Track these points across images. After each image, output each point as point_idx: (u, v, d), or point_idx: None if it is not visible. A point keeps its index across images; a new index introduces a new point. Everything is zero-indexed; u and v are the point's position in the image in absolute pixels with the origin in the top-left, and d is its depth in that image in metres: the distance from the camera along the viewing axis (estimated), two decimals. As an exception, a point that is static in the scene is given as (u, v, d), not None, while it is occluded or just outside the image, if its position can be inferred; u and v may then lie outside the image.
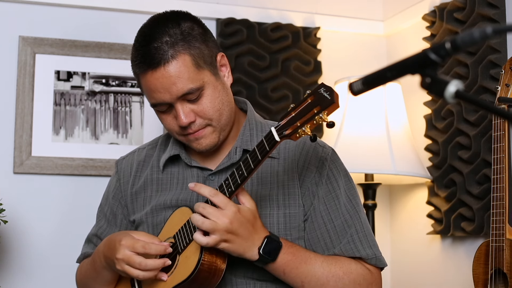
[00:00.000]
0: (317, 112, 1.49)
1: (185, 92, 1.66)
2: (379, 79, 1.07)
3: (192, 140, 1.73)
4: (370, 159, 2.65)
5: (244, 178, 1.58)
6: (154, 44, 1.65)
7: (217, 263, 1.64)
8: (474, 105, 0.97)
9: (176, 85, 1.65)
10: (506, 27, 0.92)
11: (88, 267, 1.87)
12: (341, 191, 1.74)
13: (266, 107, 2.91)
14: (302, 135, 1.52)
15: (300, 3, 3.09)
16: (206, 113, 1.69)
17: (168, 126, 1.74)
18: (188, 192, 1.78)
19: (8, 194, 2.62)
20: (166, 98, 1.67)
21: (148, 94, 1.71)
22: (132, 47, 1.73)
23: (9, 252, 2.67)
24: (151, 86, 1.67)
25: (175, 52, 1.65)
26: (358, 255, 1.71)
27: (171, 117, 1.72)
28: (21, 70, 2.73)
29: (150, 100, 1.72)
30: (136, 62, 1.70)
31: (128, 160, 1.93)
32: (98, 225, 1.95)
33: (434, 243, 2.82)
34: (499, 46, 2.48)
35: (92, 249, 1.94)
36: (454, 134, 2.66)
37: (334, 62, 3.12)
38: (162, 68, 1.65)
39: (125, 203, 1.89)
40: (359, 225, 1.73)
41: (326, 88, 1.49)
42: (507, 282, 2.13)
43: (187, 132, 1.71)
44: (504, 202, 2.17)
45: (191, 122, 1.69)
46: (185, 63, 1.65)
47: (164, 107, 1.70)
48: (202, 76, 1.68)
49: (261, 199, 1.72)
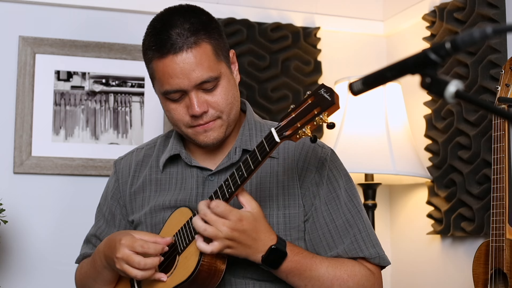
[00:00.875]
0: (318, 113, 1.48)
1: (204, 80, 1.66)
2: (379, 79, 1.07)
3: (200, 133, 1.72)
4: (370, 159, 2.65)
5: (244, 179, 1.58)
6: (175, 30, 1.65)
7: (217, 264, 1.63)
8: (474, 105, 0.97)
9: (196, 71, 1.65)
10: (506, 27, 0.92)
11: (88, 267, 1.87)
12: (342, 191, 1.74)
13: (266, 107, 2.91)
14: (302, 136, 1.52)
15: (300, 3, 3.09)
16: (219, 105, 1.69)
17: (177, 117, 1.72)
18: (187, 192, 1.78)
19: (8, 194, 2.62)
20: (183, 84, 1.66)
21: (163, 80, 1.68)
22: (147, 34, 1.72)
23: (9, 252, 2.67)
24: (170, 71, 1.66)
25: (197, 39, 1.65)
26: (362, 255, 1.71)
27: (182, 106, 1.70)
28: (21, 70, 2.73)
29: (165, 87, 1.68)
30: (154, 47, 1.68)
31: (127, 160, 1.93)
32: (97, 226, 1.95)
33: (434, 243, 2.82)
34: (499, 46, 2.48)
35: (91, 249, 1.94)
36: (454, 134, 2.66)
37: (334, 62, 3.12)
38: (184, 53, 1.64)
39: (124, 203, 1.89)
40: (362, 225, 1.73)
41: (326, 89, 1.49)
42: (507, 282, 2.13)
43: (197, 123, 1.70)
44: (504, 202, 2.17)
45: (203, 112, 1.68)
46: (206, 51, 1.66)
47: (177, 95, 1.69)
48: (220, 67, 1.69)
49: (261, 199, 1.72)
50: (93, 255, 1.85)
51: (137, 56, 2.86)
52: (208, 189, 1.76)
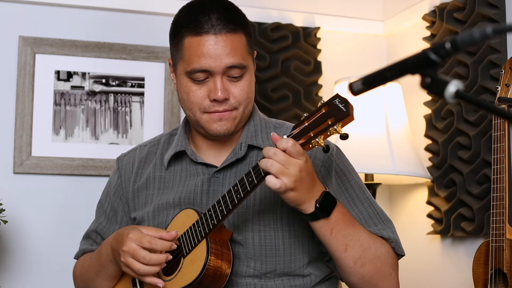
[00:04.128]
0: (332, 123, 1.47)
1: (235, 65, 1.68)
2: (379, 79, 1.07)
3: (214, 120, 1.72)
4: (370, 159, 2.65)
5: (254, 185, 1.57)
6: (216, 14, 1.67)
7: (222, 268, 1.62)
8: (474, 105, 0.97)
9: (229, 55, 1.67)
10: (506, 27, 0.92)
11: (92, 261, 1.86)
12: (352, 184, 1.76)
13: (266, 107, 2.91)
14: (315, 146, 1.50)
15: (300, 3, 3.09)
16: (240, 96, 1.71)
17: (195, 99, 1.71)
18: (190, 190, 1.77)
19: (8, 194, 2.62)
20: (214, 65, 1.67)
21: (194, 57, 1.69)
22: (183, 13, 1.73)
23: (9, 252, 2.67)
24: (204, 50, 1.67)
25: (236, 26, 1.69)
26: (381, 235, 1.72)
27: (204, 90, 1.70)
28: (21, 70, 2.73)
29: (193, 65, 1.69)
30: (191, 25, 1.69)
31: (130, 157, 1.93)
32: (98, 222, 1.95)
33: (434, 243, 2.82)
34: (499, 46, 2.48)
35: (90, 245, 1.94)
36: (454, 134, 2.66)
37: (334, 62, 3.12)
38: (223, 35, 1.67)
39: (126, 200, 1.89)
40: (376, 216, 1.74)
41: (341, 99, 1.47)
42: (507, 282, 2.13)
43: (214, 109, 1.70)
44: (504, 202, 2.17)
45: (225, 99, 1.69)
46: (242, 40, 1.71)
47: (202, 76, 1.69)
48: (249, 59, 1.74)
49: (266, 195, 1.72)
50: (100, 248, 1.84)
51: (137, 56, 2.86)
52: (214, 186, 1.76)
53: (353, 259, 1.65)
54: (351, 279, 1.70)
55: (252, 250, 1.71)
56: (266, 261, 1.72)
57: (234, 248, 1.70)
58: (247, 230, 1.72)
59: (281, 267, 1.73)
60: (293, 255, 1.73)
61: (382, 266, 1.70)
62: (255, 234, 1.71)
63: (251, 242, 1.71)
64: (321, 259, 1.80)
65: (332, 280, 1.83)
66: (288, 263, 1.73)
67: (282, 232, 1.71)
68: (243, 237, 1.72)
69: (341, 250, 1.64)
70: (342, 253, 1.64)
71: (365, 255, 1.66)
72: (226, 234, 1.68)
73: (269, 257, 1.72)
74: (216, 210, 1.63)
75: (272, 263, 1.72)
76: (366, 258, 1.66)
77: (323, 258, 1.80)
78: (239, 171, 1.76)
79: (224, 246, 1.66)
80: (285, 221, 1.71)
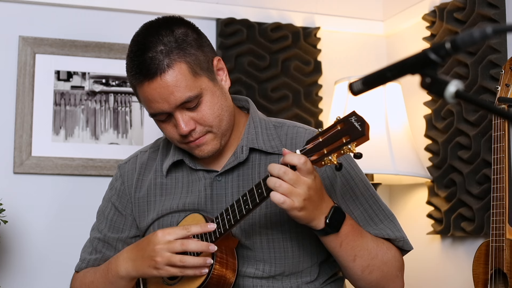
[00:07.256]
0: (346, 142, 1.44)
1: (184, 101, 1.64)
2: (379, 79, 1.07)
3: (194, 148, 1.72)
4: (370, 159, 2.65)
5: (264, 198, 1.55)
6: (148, 54, 1.63)
7: (227, 277, 1.62)
8: (474, 105, 0.97)
9: (174, 94, 1.63)
10: (506, 27, 0.92)
11: (96, 277, 1.83)
12: (356, 182, 1.76)
13: (266, 107, 2.91)
14: (327, 163, 1.47)
15: (300, 3, 3.09)
16: (206, 120, 1.68)
17: (168, 135, 1.73)
18: (195, 195, 1.77)
19: (8, 194, 2.62)
20: (164, 107, 1.66)
21: (146, 104, 1.69)
22: (127, 58, 1.71)
23: (9, 252, 2.67)
24: (149, 97, 1.66)
25: (170, 61, 1.63)
26: (387, 236, 1.72)
27: (171, 125, 1.70)
28: (21, 70, 2.73)
29: (149, 110, 1.70)
30: (132, 73, 1.68)
31: (131, 164, 1.92)
32: (99, 229, 1.92)
33: (434, 243, 2.82)
34: (499, 46, 2.48)
35: (94, 255, 1.91)
36: (454, 134, 2.66)
37: (334, 62, 3.12)
38: (158, 79, 1.63)
39: (131, 206, 1.88)
40: (381, 213, 1.74)
41: (357, 117, 1.44)
42: (507, 282, 2.13)
43: (188, 140, 1.70)
44: (504, 202, 2.17)
45: (191, 130, 1.67)
46: (181, 71, 1.64)
47: (163, 117, 1.69)
48: (199, 83, 1.66)
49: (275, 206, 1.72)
50: (107, 264, 1.80)
51: (137, 56, 2.85)
52: (217, 190, 1.76)
53: (361, 267, 1.67)
54: (359, 284, 1.72)
55: (260, 253, 1.71)
56: (275, 263, 1.72)
57: (242, 251, 1.69)
58: (255, 234, 1.71)
59: (289, 269, 1.73)
60: (302, 257, 1.73)
61: (389, 270, 1.71)
62: (263, 237, 1.71)
63: (260, 246, 1.71)
64: (328, 259, 1.80)
65: (338, 282, 1.83)
66: (297, 264, 1.73)
67: (290, 234, 1.71)
68: (251, 241, 1.71)
69: (350, 260, 1.66)
70: (350, 263, 1.66)
71: (373, 263, 1.68)
72: (232, 242, 1.67)
73: (278, 259, 1.72)
74: (223, 219, 1.62)
75: (281, 265, 1.72)
76: (374, 266, 1.68)
77: (330, 259, 1.81)
78: (241, 174, 1.75)
79: (230, 255, 1.65)
80: (292, 223, 1.70)
